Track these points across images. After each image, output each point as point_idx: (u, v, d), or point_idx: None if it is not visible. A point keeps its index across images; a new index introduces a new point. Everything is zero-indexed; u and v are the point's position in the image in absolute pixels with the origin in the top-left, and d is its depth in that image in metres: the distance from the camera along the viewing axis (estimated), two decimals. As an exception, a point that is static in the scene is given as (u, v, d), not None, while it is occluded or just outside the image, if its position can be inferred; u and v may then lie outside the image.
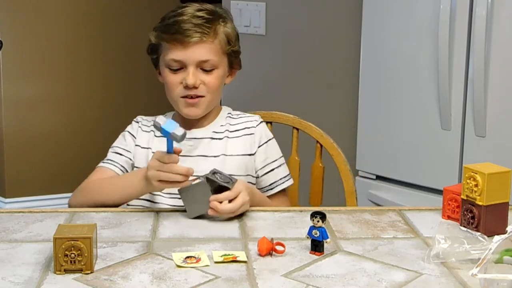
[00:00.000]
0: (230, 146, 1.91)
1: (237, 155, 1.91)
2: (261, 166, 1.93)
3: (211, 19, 1.88)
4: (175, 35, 1.84)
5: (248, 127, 1.95)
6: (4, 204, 3.86)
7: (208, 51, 1.86)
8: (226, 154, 1.90)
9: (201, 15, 1.87)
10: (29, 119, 3.86)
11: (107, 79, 4.03)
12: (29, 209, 1.78)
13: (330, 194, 2.30)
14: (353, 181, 2.06)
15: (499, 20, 2.39)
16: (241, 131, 1.94)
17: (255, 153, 1.93)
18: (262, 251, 1.48)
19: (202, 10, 1.89)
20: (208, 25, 1.86)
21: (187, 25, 1.84)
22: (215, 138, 1.91)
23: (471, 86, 2.48)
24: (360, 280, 1.38)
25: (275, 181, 1.95)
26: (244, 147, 1.92)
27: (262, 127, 1.97)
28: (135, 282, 1.36)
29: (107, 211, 1.75)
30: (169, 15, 1.90)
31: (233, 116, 1.98)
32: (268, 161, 1.94)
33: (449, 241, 1.46)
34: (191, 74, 1.84)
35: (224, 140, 1.91)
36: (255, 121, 1.97)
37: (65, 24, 3.89)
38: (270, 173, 1.94)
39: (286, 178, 1.97)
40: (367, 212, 1.79)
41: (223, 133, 1.92)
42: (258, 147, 1.93)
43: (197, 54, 1.84)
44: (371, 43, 2.79)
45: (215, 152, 1.90)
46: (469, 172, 1.62)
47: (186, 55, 1.84)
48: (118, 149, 1.93)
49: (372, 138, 2.82)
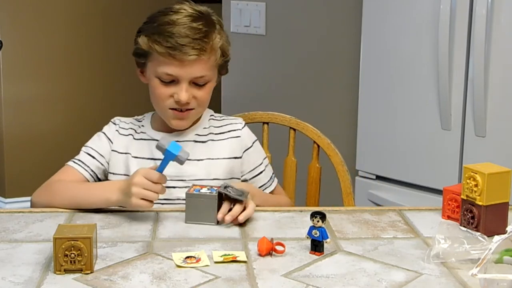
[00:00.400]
0: (216, 150, 1.87)
1: (224, 159, 1.87)
2: (248, 169, 1.91)
3: (208, 32, 1.78)
4: (171, 51, 1.75)
5: (234, 130, 1.91)
6: (4, 204, 3.86)
7: (204, 68, 1.79)
8: (211, 157, 1.86)
9: (198, 26, 1.77)
10: (29, 119, 3.86)
11: (107, 79, 4.03)
12: (29, 209, 1.78)
13: (327, 195, 2.30)
14: (350, 182, 2.06)
15: (499, 20, 2.39)
16: (226, 134, 1.90)
17: (241, 156, 1.90)
18: (262, 251, 1.48)
19: (196, 18, 1.78)
20: (206, 40, 1.77)
21: (184, 40, 1.74)
22: (198, 141, 1.87)
23: (471, 86, 2.48)
24: (360, 280, 1.38)
25: (265, 183, 1.94)
26: (231, 150, 1.88)
27: (247, 129, 1.94)
28: (135, 282, 1.36)
29: (107, 211, 1.75)
30: (160, 20, 1.79)
31: (216, 118, 1.94)
32: (256, 164, 1.93)
33: (449, 241, 1.46)
34: (184, 90, 1.78)
35: (208, 143, 1.88)
36: (240, 124, 1.93)
37: (65, 24, 3.89)
38: (260, 175, 1.93)
39: (272, 177, 1.97)
40: (367, 212, 1.79)
41: (206, 136, 1.88)
42: (245, 151, 1.90)
43: (192, 71, 1.77)
44: (371, 43, 2.79)
45: (199, 156, 1.85)
46: (469, 172, 1.62)
47: (181, 71, 1.77)
48: (91, 150, 1.87)
49: (372, 138, 2.82)
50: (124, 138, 1.88)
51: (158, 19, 1.81)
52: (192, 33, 1.76)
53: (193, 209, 1.68)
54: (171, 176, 1.77)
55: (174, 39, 1.75)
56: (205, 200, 1.67)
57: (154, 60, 1.80)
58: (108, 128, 1.91)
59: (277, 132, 2.15)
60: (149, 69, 1.83)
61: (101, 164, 1.86)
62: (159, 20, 1.80)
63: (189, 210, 1.68)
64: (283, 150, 2.10)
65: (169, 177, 1.74)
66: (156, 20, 1.81)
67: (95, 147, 1.87)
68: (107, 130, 1.90)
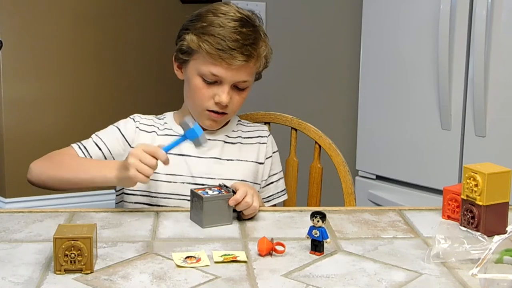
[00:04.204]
0: (244, 152, 1.90)
1: (251, 162, 1.90)
2: (265, 177, 1.94)
3: (256, 39, 1.81)
4: (221, 53, 1.76)
5: (261, 136, 1.95)
6: (4, 204, 3.86)
7: (248, 73, 1.82)
8: (240, 159, 1.89)
9: (247, 32, 1.79)
10: (29, 119, 3.86)
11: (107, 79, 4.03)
12: (29, 209, 1.78)
13: (329, 195, 2.30)
14: (351, 182, 2.06)
15: (499, 20, 2.39)
16: (254, 139, 1.94)
17: (263, 163, 1.93)
18: (262, 251, 1.48)
19: (245, 23, 1.80)
20: (254, 46, 1.80)
21: (235, 44, 1.76)
22: (228, 142, 1.90)
23: (471, 86, 2.48)
24: (360, 280, 1.38)
25: (273, 194, 1.96)
26: (257, 154, 1.92)
27: (271, 138, 1.98)
28: (135, 282, 1.36)
29: (107, 211, 1.75)
30: (210, 21, 1.80)
31: (243, 124, 1.97)
32: (271, 173, 1.95)
33: (449, 241, 1.46)
34: (226, 93, 1.79)
35: (237, 145, 1.91)
36: (266, 131, 1.98)
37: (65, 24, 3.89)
38: (271, 185, 1.96)
39: (282, 192, 1.99)
40: (367, 212, 1.79)
41: (236, 138, 1.91)
42: (267, 158, 1.94)
43: (237, 76, 1.79)
44: (371, 43, 2.79)
45: (229, 156, 1.88)
46: (469, 172, 1.62)
47: (227, 73, 1.78)
48: (100, 141, 1.85)
49: (372, 138, 2.82)
50: (147, 134, 1.87)
51: (207, 19, 1.81)
52: (242, 38, 1.78)
53: (211, 212, 1.66)
54: (201, 174, 1.82)
55: (225, 42, 1.76)
56: (223, 201, 1.66)
57: (200, 59, 1.80)
58: (125, 125, 1.89)
59: (279, 132, 2.15)
60: (191, 66, 1.83)
61: (104, 157, 1.84)
62: (208, 20, 1.81)
63: (207, 215, 1.66)
64: (284, 150, 2.10)
65: (199, 175, 1.80)
66: (205, 20, 1.81)
67: (104, 139, 1.85)
68: (123, 127, 1.88)
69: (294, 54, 3.29)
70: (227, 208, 1.67)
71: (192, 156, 1.84)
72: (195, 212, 1.69)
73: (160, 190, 1.82)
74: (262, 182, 1.93)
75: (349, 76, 3.09)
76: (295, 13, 3.27)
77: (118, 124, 1.89)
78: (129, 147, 1.85)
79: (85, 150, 1.84)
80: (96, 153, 1.84)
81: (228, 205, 1.66)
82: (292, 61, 3.30)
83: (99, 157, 1.84)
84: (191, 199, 1.70)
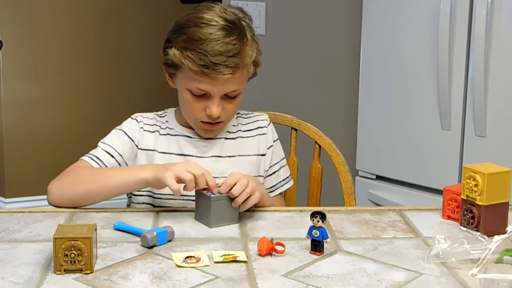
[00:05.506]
0: (245, 146, 1.89)
1: (253, 155, 1.89)
2: (267, 167, 1.92)
3: (241, 47, 1.75)
4: (204, 69, 1.71)
5: (261, 127, 1.93)
6: (4, 204, 3.86)
7: (237, 83, 1.77)
8: (242, 154, 1.88)
9: (231, 42, 1.73)
10: (29, 119, 3.86)
11: (108, 79, 4.03)
12: (29, 209, 1.78)
13: (329, 195, 2.30)
14: (351, 182, 2.06)
15: (499, 20, 2.39)
16: (254, 131, 1.92)
17: (265, 154, 1.91)
18: (262, 251, 1.48)
19: (229, 32, 1.73)
20: (240, 56, 1.74)
21: (218, 59, 1.70)
22: (229, 138, 1.88)
23: (471, 86, 2.48)
24: (360, 280, 1.38)
25: (276, 184, 1.94)
26: (258, 147, 1.90)
27: (271, 126, 1.95)
28: (135, 282, 1.36)
29: (107, 211, 1.75)
30: (192, 33, 1.74)
31: (242, 116, 1.94)
32: (273, 162, 1.93)
33: (449, 241, 1.46)
34: (216, 105, 1.76)
35: (237, 140, 1.89)
36: (266, 121, 1.95)
37: (65, 24, 3.89)
38: (273, 175, 1.94)
39: (285, 180, 1.96)
40: (367, 212, 1.79)
41: (235, 133, 1.90)
42: (268, 148, 1.92)
43: (225, 88, 1.75)
44: (371, 43, 2.79)
45: (230, 152, 1.87)
46: (469, 172, 1.62)
47: (213, 88, 1.74)
48: (109, 148, 1.81)
49: (372, 138, 2.82)
50: (151, 135, 1.85)
51: (189, 30, 1.75)
52: (226, 51, 1.72)
53: (218, 212, 1.66)
54: None
55: (208, 57, 1.71)
56: (230, 200, 1.66)
57: (185, 73, 1.77)
58: (129, 126, 1.85)
59: (279, 132, 2.15)
60: (180, 80, 1.80)
61: (118, 164, 1.81)
62: (190, 32, 1.75)
63: (214, 215, 1.65)
64: (284, 150, 2.09)
65: None
66: (187, 32, 1.76)
67: (114, 145, 1.81)
68: (127, 128, 1.85)
69: (294, 54, 3.29)
70: (233, 207, 1.67)
71: (193, 156, 1.84)
72: (201, 213, 1.68)
73: (164, 191, 1.80)
74: (264, 172, 1.91)
75: (349, 76, 3.09)
76: (295, 13, 3.27)
77: (122, 127, 1.86)
78: (136, 148, 1.84)
79: (98, 160, 1.80)
80: (109, 161, 1.80)
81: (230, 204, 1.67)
82: (292, 61, 3.30)
83: (113, 165, 1.80)
84: (196, 199, 1.70)
